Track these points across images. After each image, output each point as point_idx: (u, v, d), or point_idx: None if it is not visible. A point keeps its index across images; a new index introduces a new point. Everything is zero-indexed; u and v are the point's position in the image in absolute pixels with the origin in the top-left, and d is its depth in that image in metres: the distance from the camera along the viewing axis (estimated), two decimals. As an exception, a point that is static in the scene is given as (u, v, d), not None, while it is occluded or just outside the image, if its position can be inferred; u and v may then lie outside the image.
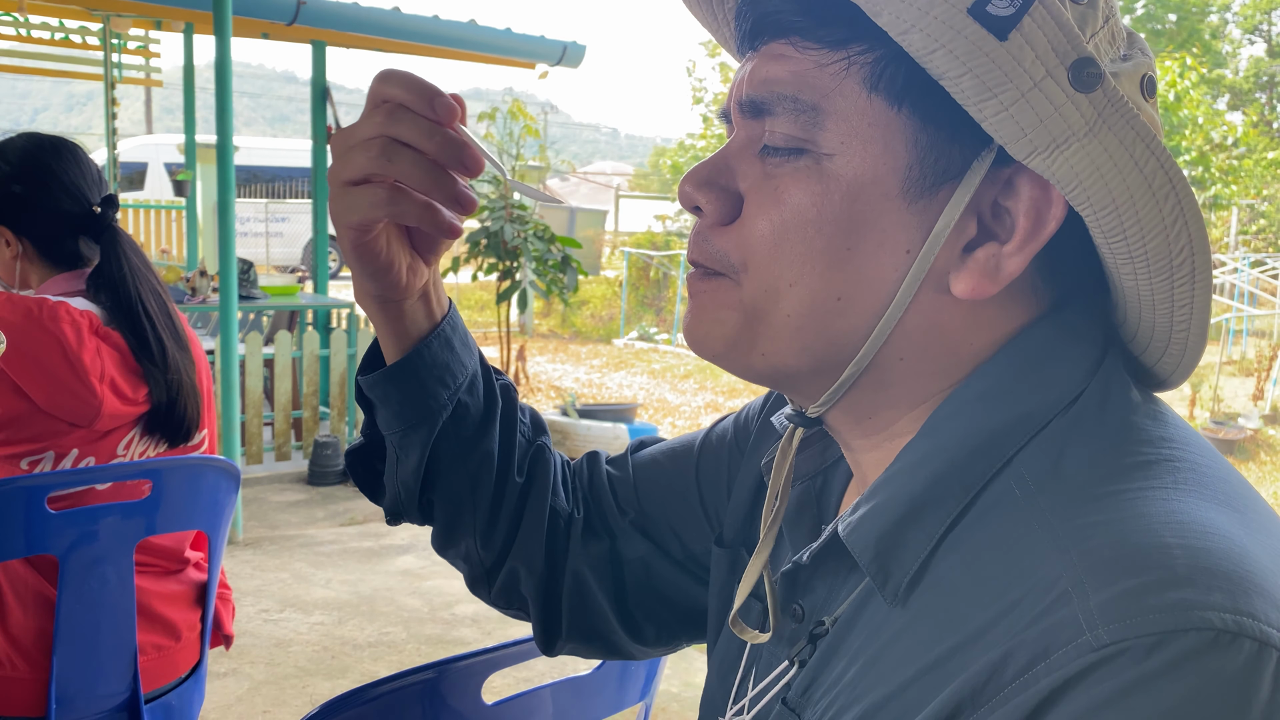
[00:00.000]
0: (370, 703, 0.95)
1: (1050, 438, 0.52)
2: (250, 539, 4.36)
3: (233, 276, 4.26)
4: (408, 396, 0.73)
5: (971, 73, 0.48)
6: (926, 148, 0.52)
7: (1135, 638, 0.42)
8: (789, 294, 0.55)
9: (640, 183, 30.15)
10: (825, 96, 0.53)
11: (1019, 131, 0.49)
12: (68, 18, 6.72)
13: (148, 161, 15.62)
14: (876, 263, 0.54)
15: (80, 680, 1.60)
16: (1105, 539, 0.46)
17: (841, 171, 0.53)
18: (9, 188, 1.62)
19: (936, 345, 0.56)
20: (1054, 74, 0.47)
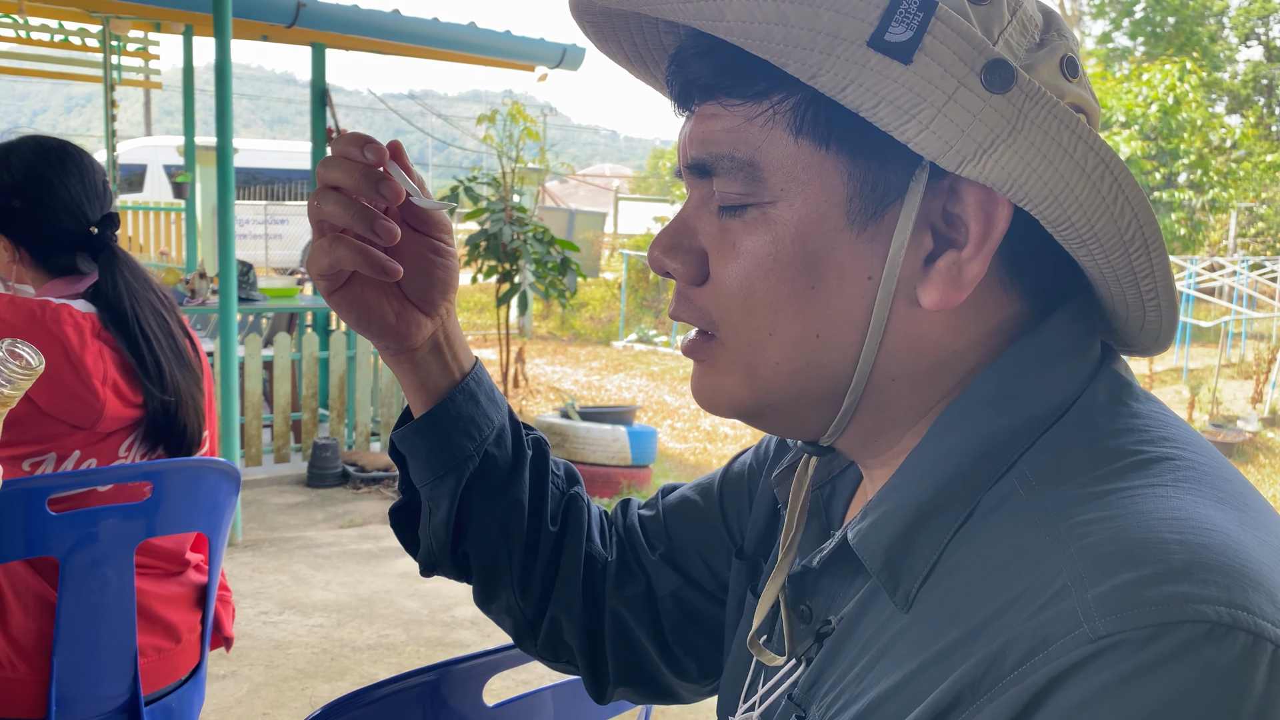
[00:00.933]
0: (371, 705, 0.95)
1: (1053, 438, 0.53)
2: (249, 541, 4.36)
3: (232, 279, 4.26)
4: (434, 448, 0.76)
5: (885, 100, 0.49)
6: (861, 178, 0.54)
7: (1131, 630, 0.42)
8: (771, 343, 0.57)
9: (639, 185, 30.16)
10: (757, 149, 0.55)
11: (944, 145, 0.50)
12: (67, 19, 6.72)
13: (147, 163, 15.62)
14: (842, 294, 0.55)
15: (81, 682, 1.60)
16: (1104, 535, 0.47)
17: (787, 217, 0.55)
18: (8, 200, 1.60)
19: (924, 358, 0.57)
20: (966, 83, 0.49)
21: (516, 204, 7.13)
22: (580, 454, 5.42)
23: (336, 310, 0.72)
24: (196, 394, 1.70)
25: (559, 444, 5.49)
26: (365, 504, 5.02)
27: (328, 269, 0.69)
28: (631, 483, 5.52)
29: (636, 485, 5.55)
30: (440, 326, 0.76)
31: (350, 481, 5.32)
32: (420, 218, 0.73)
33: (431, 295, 0.74)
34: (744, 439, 7.57)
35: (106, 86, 6.96)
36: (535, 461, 0.82)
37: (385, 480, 5.33)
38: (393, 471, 5.33)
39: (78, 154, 1.66)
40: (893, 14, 0.48)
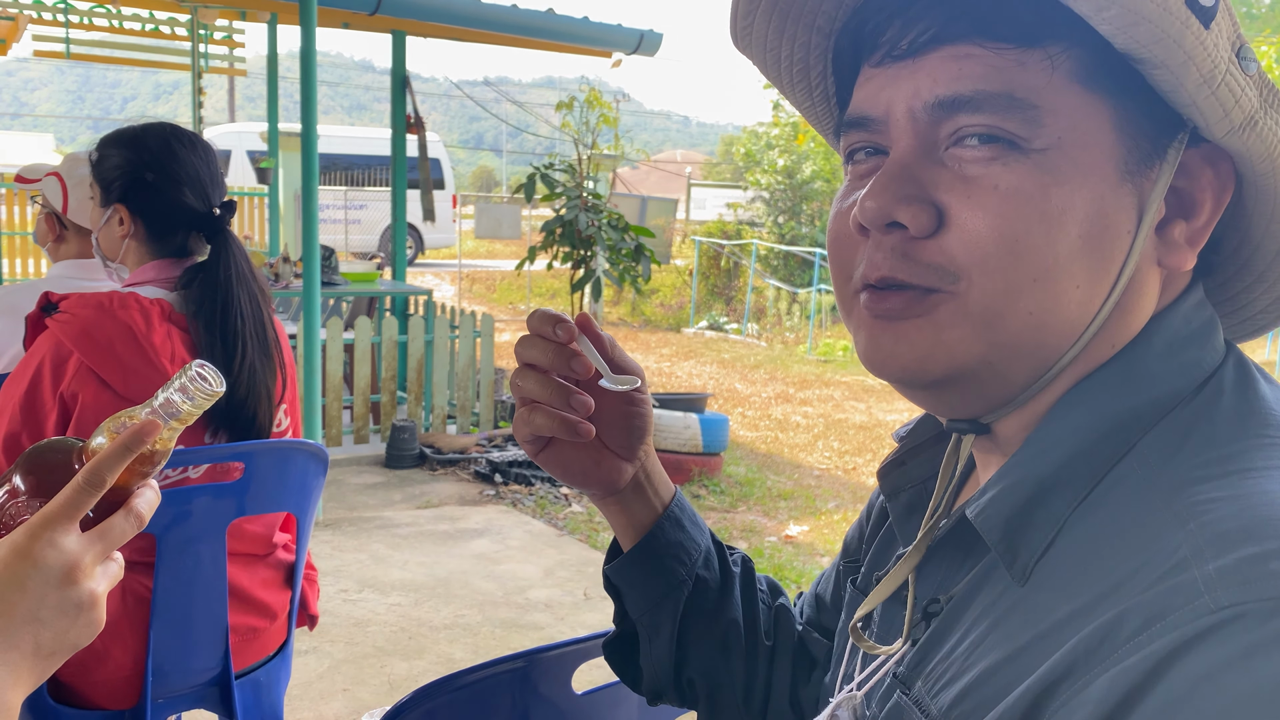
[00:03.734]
0: (461, 690, 0.96)
1: (1177, 420, 0.54)
2: (330, 520, 4.45)
3: (316, 263, 4.35)
4: (650, 576, 0.80)
5: (1193, 60, 0.50)
6: (1133, 134, 0.54)
7: (1256, 601, 0.42)
8: (1032, 290, 0.54)
9: (711, 171, 29.97)
10: (1038, 93, 0.53)
11: (1220, 113, 0.52)
12: (157, 9, 6.90)
13: (231, 149, 16.02)
14: (1106, 246, 0.54)
15: (174, 655, 1.65)
16: (1226, 511, 0.46)
17: (1062, 164, 0.53)
18: (142, 174, 1.68)
19: (1137, 320, 0.57)
20: (1231, 60, 0.52)
21: (591, 190, 7.14)
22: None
23: (543, 467, 0.76)
24: (271, 383, 1.73)
25: (631, 430, 5.50)
26: (442, 485, 5.09)
27: (529, 436, 0.74)
28: (703, 470, 5.50)
29: (708, 472, 5.54)
30: (641, 468, 0.79)
31: (427, 463, 5.40)
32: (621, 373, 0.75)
33: (629, 442, 0.77)
34: (816, 428, 7.50)
35: (194, 74, 7.15)
36: (744, 578, 0.84)
37: (460, 462, 5.40)
38: (468, 454, 5.41)
39: (207, 145, 1.76)
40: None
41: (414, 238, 16.52)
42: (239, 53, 7.82)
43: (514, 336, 11.95)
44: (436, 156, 15.84)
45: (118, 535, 0.72)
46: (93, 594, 0.71)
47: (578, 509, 4.86)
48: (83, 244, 2.28)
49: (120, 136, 1.73)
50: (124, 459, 0.71)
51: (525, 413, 0.72)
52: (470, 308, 7.95)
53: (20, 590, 0.67)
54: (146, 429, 0.71)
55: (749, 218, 16.45)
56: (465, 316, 5.96)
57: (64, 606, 0.69)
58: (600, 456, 0.76)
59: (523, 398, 0.72)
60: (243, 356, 1.66)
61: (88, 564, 0.70)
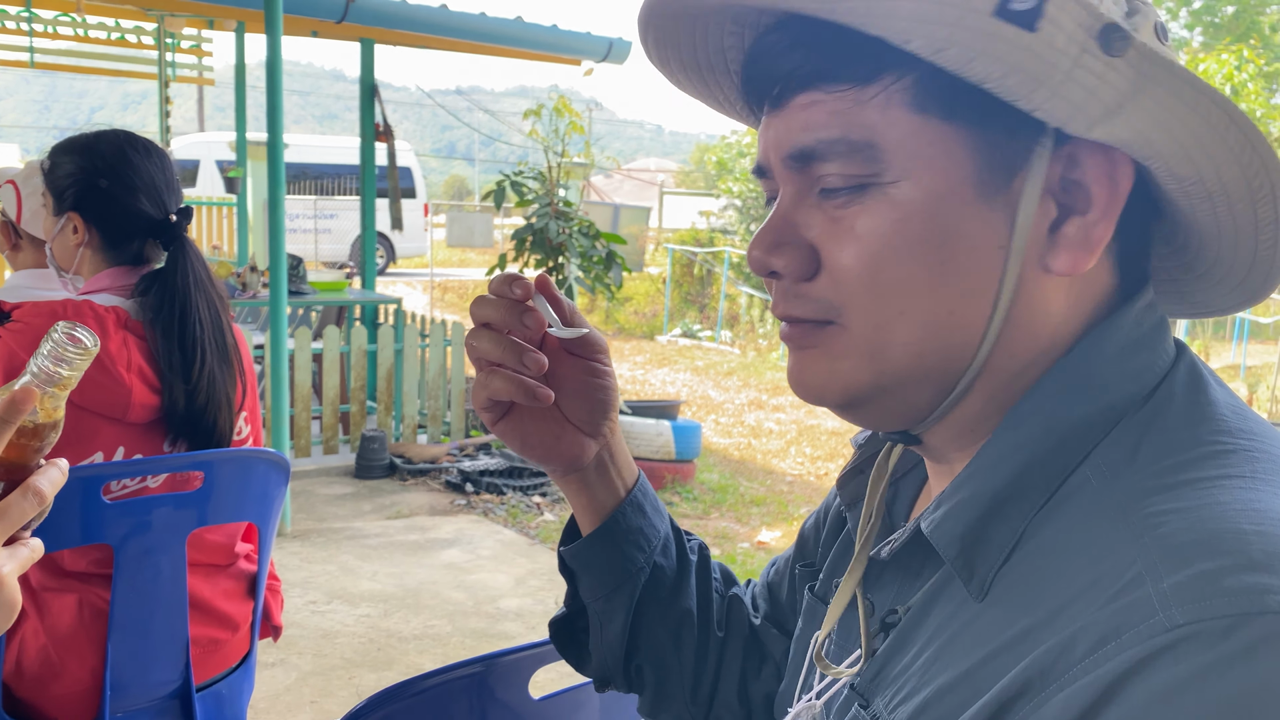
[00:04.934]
0: (418, 696, 0.95)
1: (1129, 427, 0.53)
2: (298, 531, 4.41)
3: (283, 272, 4.32)
4: (607, 561, 0.78)
5: (1015, 69, 0.49)
6: (987, 149, 0.53)
7: (1210, 619, 0.41)
8: (901, 322, 0.55)
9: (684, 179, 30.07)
10: (874, 130, 0.54)
11: (1073, 110, 0.50)
12: (123, 18, 6.85)
13: (200, 159, 15.89)
14: (974, 267, 0.54)
15: (134, 668, 1.63)
16: (1180, 524, 0.46)
17: (913, 195, 0.54)
18: (95, 181, 1.66)
19: (1044, 330, 0.56)
20: (1087, 48, 0.49)
21: (562, 198, 7.14)
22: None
23: (502, 439, 0.74)
24: (231, 390, 1.71)
25: (603, 438, 5.49)
26: (412, 495, 5.06)
27: (486, 401, 0.71)
28: (676, 477, 5.50)
29: (681, 479, 5.54)
30: (605, 445, 0.77)
31: (397, 473, 5.37)
32: (577, 343, 0.73)
33: (593, 417, 0.75)
34: (789, 435, 7.53)
35: (161, 83, 7.09)
36: (700, 567, 0.83)
37: (431, 472, 5.38)
38: (438, 464, 5.38)
39: (161, 151, 1.74)
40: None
41: (385, 247, 16.44)
42: (207, 61, 7.77)
43: (487, 345, 11.92)
44: (408, 165, 15.78)
45: (17, 515, 0.70)
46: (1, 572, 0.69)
47: (550, 517, 4.84)
48: (38, 253, 2.25)
49: (73, 144, 1.71)
50: (3, 432, 0.68)
51: (483, 377, 0.70)
52: (443, 317, 7.93)
53: None
54: (21, 396, 0.68)
55: (722, 225, 16.50)
56: (435, 325, 5.94)
57: None
58: (561, 430, 0.74)
59: (478, 359, 0.70)
60: (202, 364, 1.64)
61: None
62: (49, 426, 0.71)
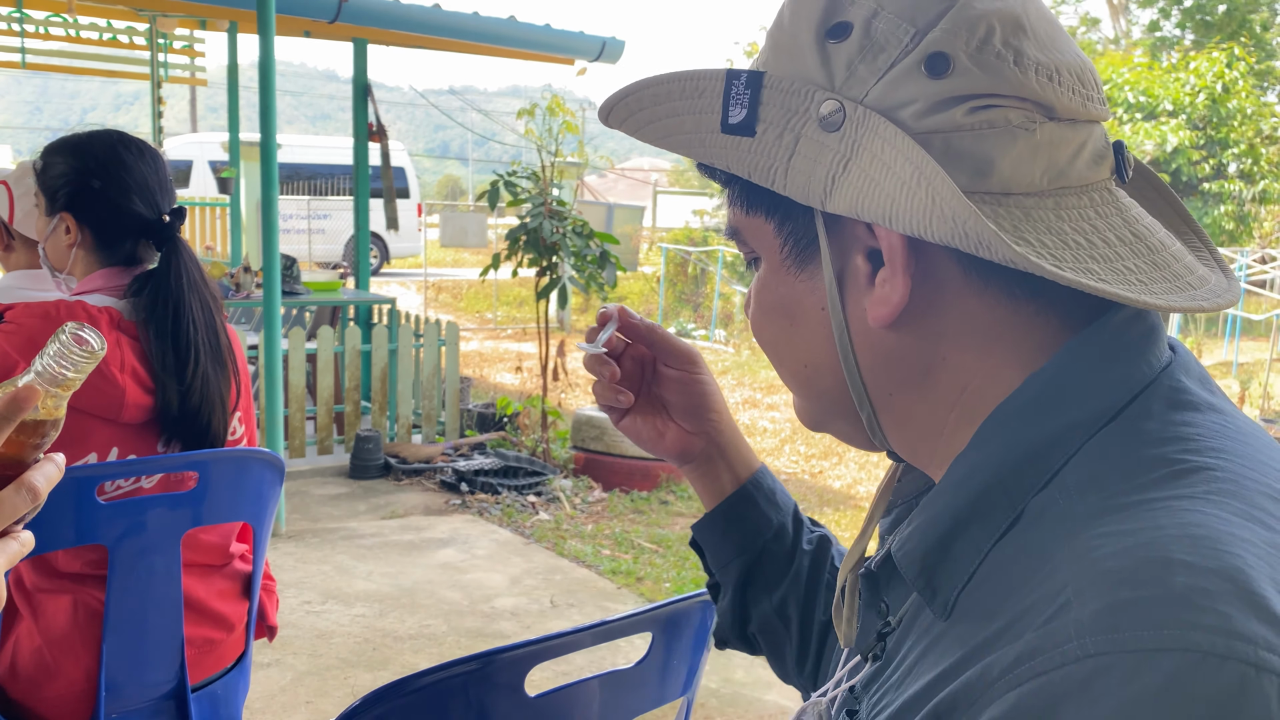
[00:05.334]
0: (413, 694, 0.95)
1: (1096, 445, 0.52)
2: (293, 531, 4.41)
3: (276, 273, 4.31)
4: (717, 541, 0.91)
5: (750, 169, 0.57)
6: (783, 230, 0.61)
7: (1120, 652, 0.41)
8: (784, 370, 0.67)
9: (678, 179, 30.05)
10: (736, 222, 0.65)
11: (804, 190, 0.56)
12: (115, 18, 6.83)
13: (193, 159, 15.86)
14: (809, 327, 0.62)
15: (129, 668, 1.62)
16: (1113, 549, 0.45)
17: (765, 273, 0.65)
18: (88, 181, 1.65)
19: (909, 373, 0.59)
20: (804, 133, 0.56)
21: (556, 198, 7.13)
22: (619, 446, 5.43)
23: (623, 433, 0.90)
24: (225, 391, 1.71)
25: (598, 436, 5.49)
26: (407, 495, 5.06)
27: (600, 405, 0.90)
28: (670, 476, 5.51)
29: (675, 478, 5.55)
30: (711, 442, 0.90)
31: (392, 473, 5.37)
32: (671, 356, 0.89)
33: (691, 416, 0.89)
34: (783, 433, 7.53)
35: (154, 84, 7.08)
36: (814, 557, 0.90)
37: (426, 472, 5.37)
38: (433, 464, 5.38)
39: (155, 151, 1.74)
40: (728, 101, 0.58)
41: (379, 247, 16.42)
42: (200, 62, 7.75)
43: (481, 345, 11.91)
44: (401, 165, 15.76)
45: (9, 509, 0.71)
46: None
47: (545, 517, 4.85)
48: (31, 254, 2.25)
49: (65, 144, 1.71)
50: (3, 429, 0.69)
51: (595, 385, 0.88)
52: (437, 316, 7.92)
53: None
54: (23, 395, 0.69)
55: (716, 224, 16.51)
56: (430, 325, 5.94)
57: None
58: (665, 427, 0.89)
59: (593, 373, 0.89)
60: (195, 364, 1.64)
61: None
62: (49, 424, 0.71)
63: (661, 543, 4.60)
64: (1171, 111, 15.33)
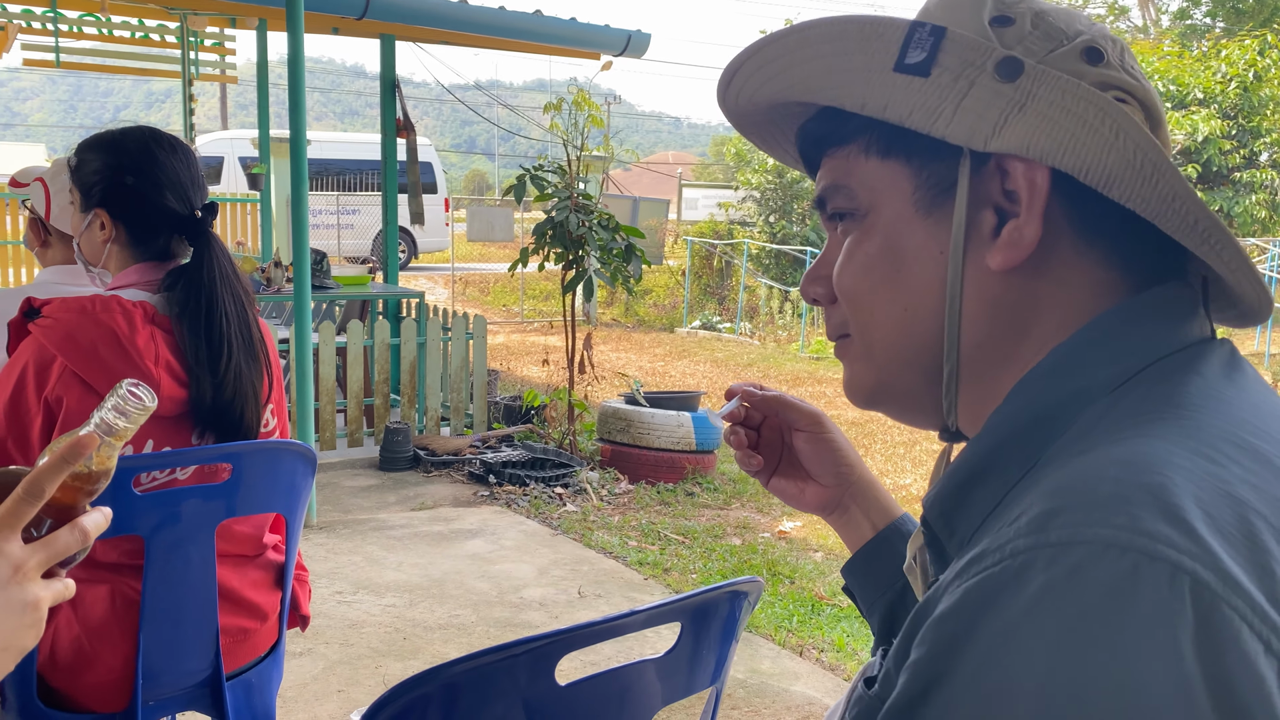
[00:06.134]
0: (445, 683, 0.96)
1: (1102, 406, 0.58)
2: (324, 523, 4.46)
3: (307, 267, 4.35)
4: (859, 584, 0.97)
5: (916, 108, 0.62)
6: (920, 175, 0.65)
7: (1043, 547, 0.47)
8: (874, 322, 0.69)
9: (703, 172, 29.98)
10: (848, 174, 0.69)
11: (969, 131, 0.61)
12: (147, 17, 6.90)
13: (223, 156, 16.01)
14: (921, 269, 0.66)
15: (165, 657, 1.65)
16: (1066, 471, 0.52)
17: (875, 220, 0.68)
18: (122, 177, 1.68)
19: (1003, 325, 0.64)
20: (978, 81, 0.62)
21: (582, 191, 7.14)
22: (645, 439, 5.44)
23: (774, 494, 1.01)
24: (257, 383, 1.73)
25: (624, 429, 5.50)
26: (436, 487, 5.10)
27: (749, 472, 1.00)
28: (696, 468, 5.51)
29: (701, 470, 5.55)
30: (848, 491, 0.97)
31: (421, 465, 5.41)
32: (798, 419, 0.97)
33: (824, 471, 0.97)
34: (810, 426, 7.51)
35: (185, 81, 7.14)
36: None
37: (454, 464, 5.41)
38: (462, 456, 5.42)
39: (187, 147, 1.76)
40: (908, 44, 0.63)
41: (407, 242, 16.50)
42: (230, 59, 7.82)
43: (507, 339, 11.95)
44: (428, 160, 15.82)
45: (61, 547, 0.76)
46: (36, 598, 0.76)
47: (572, 508, 4.87)
48: (67, 250, 2.29)
49: (99, 141, 1.73)
50: (61, 471, 0.74)
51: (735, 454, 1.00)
52: (464, 310, 7.97)
53: None
54: (83, 442, 0.74)
55: (740, 217, 16.45)
56: (458, 318, 5.97)
57: (9, 606, 0.74)
58: (805, 484, 0.98)
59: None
60: (228, 357, 1.66)
61: (30, 568, 0.75)
62: (101, 474, 0.77)
63: (688, 534, 4.61)
64: (1202, 100, 15.08)
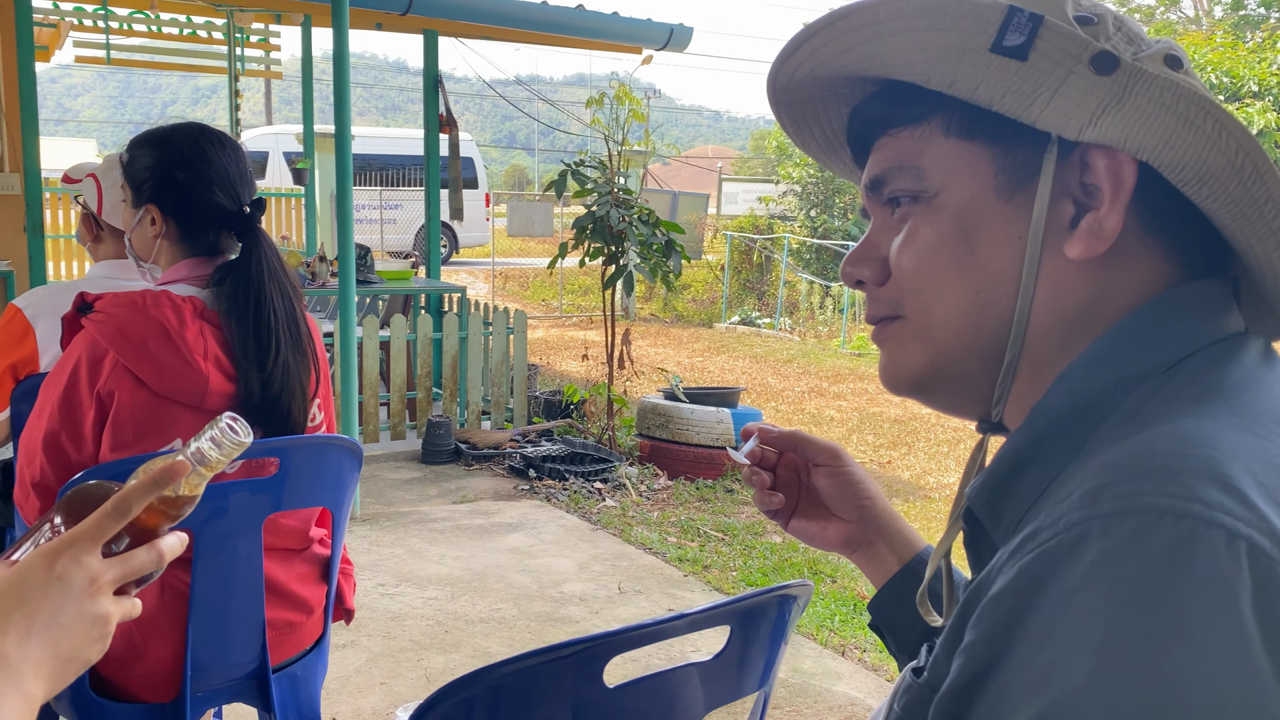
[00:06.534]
0: (492, 684, 0.96)
1: (1145, 391, 0.58)
2: (367, 515, 4.49)
3: (351, 262, 4.39)
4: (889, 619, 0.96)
5: (1010, 91, 0.61)
6: (1003, 159, 0.64)
7: (1097, 518, 0.48)
8: (939, 303, 0.67)
9: (742, 166, 29.88)
10: (919, 155, 0.68)
11: (1063, 118, 0.61)
12: (195, 13, 6.99)
13: (268, 151, 16.21)
14: (996, 253, 0.65)
15: (213, 649, 1.67)
16: (1117, 449, 0.53)
17: (947, 201, 0.67)
18: (172, 173, 1.70)
19: (1072, 316, 0.64)
20: (1075, 71, 0.60)
21: (622, 186, 7.13)
22: (684, 435, 5.42)
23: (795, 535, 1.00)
24: (304, 378, 1.73)
25: (663, 424, 5.49)
26: (477, 480, 5.12)
27: (768, 514, 0.98)
28: (734, 465, 5.49)
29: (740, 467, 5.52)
30: (870, 525, 0.96)
31: (462, 458, 5.44)
32: (816, 454, 0.96)
33: (847, 505, 0.96)
34: (850, 423, 7.46)
35: (231, 77, 7.23)
36: None
37: (495, 458, 5.43)
38: (502, 449, 5.44)
39: (235, 144, 1.77)
40: (1007, 26, 0.62)
41: (448, 237, 16.61)
42: (275, 55, 7.90)
43: (546, 333, 11.99)
44: (469, 156, 15.91)
45: (137, 565, 0.78)
46: (107, 612, 0.76)
47: (611, 503, 4.87)
48: (118, 245, 2.32)
49: (150, 137, 1.75)
50: (150, 493, 0.76)
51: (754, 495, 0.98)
52: (504, 305, 8.00)
53: (44, 597, 0.74)
54: (175, 468, 0.76)
55: (780, 212, 16.36)
56: (499, 313, 5.99)
57: (81, 617, 0.75)
58: (827, 520, 0.97)
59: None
60: (276, 352, 1.67)
61: (105, 583, 0.76)
62: (186, 500, 0.78)
63: (727, 531, 4.59)
64: (1257, 93, 14.74)
